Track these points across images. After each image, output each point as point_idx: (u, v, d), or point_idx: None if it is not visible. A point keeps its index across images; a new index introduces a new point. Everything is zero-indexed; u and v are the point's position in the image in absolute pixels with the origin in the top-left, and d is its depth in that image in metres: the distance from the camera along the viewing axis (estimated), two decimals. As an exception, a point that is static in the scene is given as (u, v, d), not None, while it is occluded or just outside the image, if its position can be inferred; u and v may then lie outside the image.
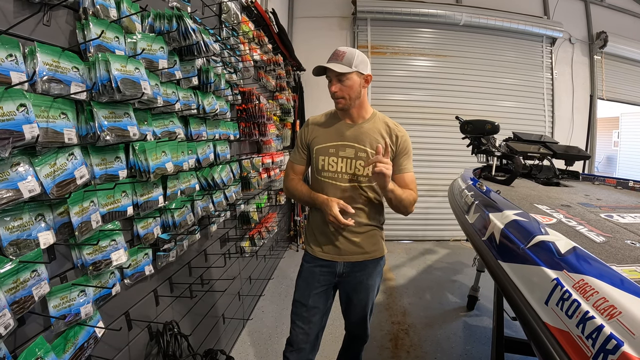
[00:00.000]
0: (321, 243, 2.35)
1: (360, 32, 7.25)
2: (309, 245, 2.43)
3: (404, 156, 2.30)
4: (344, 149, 2.25)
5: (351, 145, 2.24)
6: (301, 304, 2.42)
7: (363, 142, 2.24)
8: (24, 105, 1.12)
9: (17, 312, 1.12)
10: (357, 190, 2.27)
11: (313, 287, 2.39)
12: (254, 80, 4.15)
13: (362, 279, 2.40)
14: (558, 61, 7.76)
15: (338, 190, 2.26)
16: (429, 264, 6.07)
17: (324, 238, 2.33)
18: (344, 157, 2.25)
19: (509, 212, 1.95)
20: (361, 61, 2.15)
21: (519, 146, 3.78)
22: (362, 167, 2.23)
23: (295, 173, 2.41)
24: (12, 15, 1.19)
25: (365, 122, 2.29)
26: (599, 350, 0.97)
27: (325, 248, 2.34)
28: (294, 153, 2.40)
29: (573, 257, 1.33)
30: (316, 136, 2.32)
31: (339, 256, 2.33)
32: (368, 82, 2.22)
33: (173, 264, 2.33)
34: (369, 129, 2.27)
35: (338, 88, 2.16)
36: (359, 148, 2.23)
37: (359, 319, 2.53)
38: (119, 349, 1.83)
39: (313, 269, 2.39)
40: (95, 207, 1.51)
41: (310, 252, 2.40)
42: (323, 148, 2.28)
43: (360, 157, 2.23)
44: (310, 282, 2.41)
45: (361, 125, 2.28)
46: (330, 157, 2.26)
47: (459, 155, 6.64)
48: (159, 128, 1.98)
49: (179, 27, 1.99)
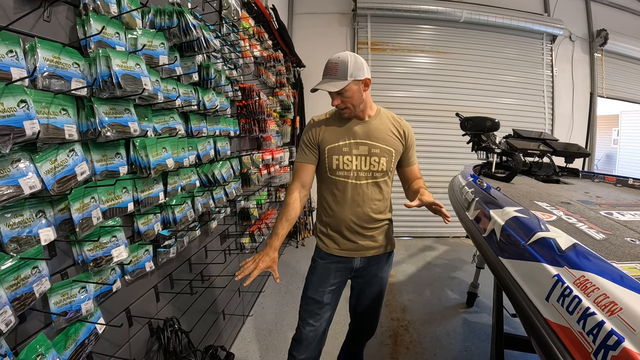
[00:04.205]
0: (337, 240, 2.36)
1: (360, 28, 7.23)
2: (322, 242, 2.41)
3: (412, 149, 2.39)
4: (357, 147, 2.28)
5: (364, 142, 2.28)
6: (314, 301, 2.39)
7: (375, 139, 2.28)
8: (25, 101, 1.12)
9: (18, 308, 1.13)
10: (372, 186, 2.31)
11: (327, 283, 2.40)
12: (254, 77, 4.15)
13: (376, 272, 2.45)
14: (558, 59, 7.75)
15: (354, 188, 2.29)
16: (428, 261, 6.07)
17: (340, 235, 2.35)
18: (358, 155, 2.28)
19: (510, 209, 1.95)
20: (355, 67, 2.12)
21: (519, 143, 3.77)
22: (377, 163, 2.27)
23: (302, 181, 2.33)
24: (12, 11, 1.19)
25: (372, 118, 2.31)
26: (600, 346, 0.98)
27: (342, 245, 2.35)
28: (302, 154, 2.35)
29: (573, 254, 1.33)
30: (326, 136, 2.31)
31: (356, 252, 2.36)
32: (368, 85, 2.20)
33: (173, 260, 2.34)
34: (378, 125, 2.30)
35: (339, 101, 2.17)
36: (372, 145, 2.27)
37: (372, 312, 2.58)
38: (120, 346, 1.83)
39: (328, 266, 2.40)
40: (95, 204, 1.51)
41: (325, 249, 2.39)
42: (336, 147, 2.28)
43: (374, 153, 2.27)
44: (324, 278, 2.40)
45: (369, 122, 2.30)
46: (345, 156, 2.27)
47: (459, 152, 6.66)
48: (159, 124, 1.98)
49: (180, 23, 1.99)
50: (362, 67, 2.15)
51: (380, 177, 2.31)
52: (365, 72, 2.16)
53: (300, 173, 2.34)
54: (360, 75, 2.13)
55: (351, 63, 2.11)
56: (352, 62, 2.12)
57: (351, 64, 2.11)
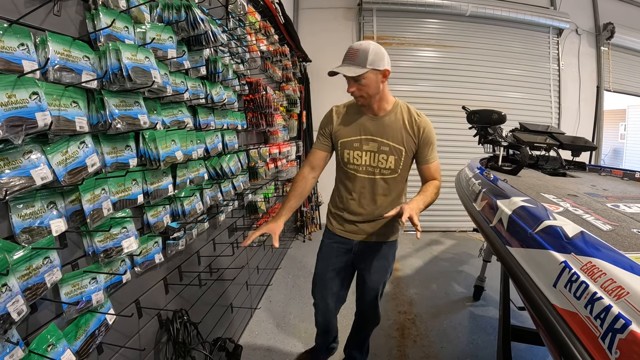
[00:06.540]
0: (340, 221, 2.51)
1: (366, 22, 7.20)
2: (330, 222, 2.60)
3: (428, 147, 2.34)
4: (367, 143, 2.33)
5: (374, 139, 2.31)
6: (317, 275, 2.70)
7: (385, 136, 2.30)
8: (36, 93, 1.13)
9: (29, 298, 1.14)
10: (379, 181, 2.37)
11: (330, 262, 2.61)
12: (261, 71, 4.16)
13: (374, 260, 2.52)
14: (565, 52, 7.70)
15: (362, 181, 2.39)
16: (435, 255, 6.08)
17: (343, 218, 2.48)
18: (368, 151, 2.33)
19: (517, 199, 1.96)
20: (376, 57, 2.11)
21: (525, 136, 3.76)
22: (385, 160, 2.32)
23: (312, 164, 2.47)
24: (23, 6, 1.20)
25: (387, 114, 2.32)
26: (607, 329, 0.99)
27: (345, 226, 2.49)
28: (317, 140, 2.50)
29: (580, 241, 1.34)
30: (340, 129, 2.39)
31: (355, 235, 2.47)
32: (386, 76, 2.20)
33: (182, 252, 2.35)
34: (391, 122, 2.31)
35: (355, 88, 2.18)
36: (381, 142, 2.31)
37: (371, 299, 2.65)
38: (129, 337, 1.85)
39: (332, 245, 2.58)
40: (106, 195, 1.52)
41: (330, 228, 2.58)
42: (348, 142, 2.36)
43: (382, 150, 2.31)
44: (327, 257, 2.62)
45: (383, 118, 2.32)
46: (355, 151, 2.35)
47: (465, 146, 6.63)
48: (168, 117, 1.99)
49: (188, 17, 2.00)
50: (384, 57, 2.15)
51: (389, 175, 2.34)
52: (386, 64, 2.16)
53: (311, 157, 2.48)
54: (381, 65, 2.13)
55: (372, 52, 2.10)
56: (374, 51, 2.11)
57: (372, 52, 2.10)
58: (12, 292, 1.05)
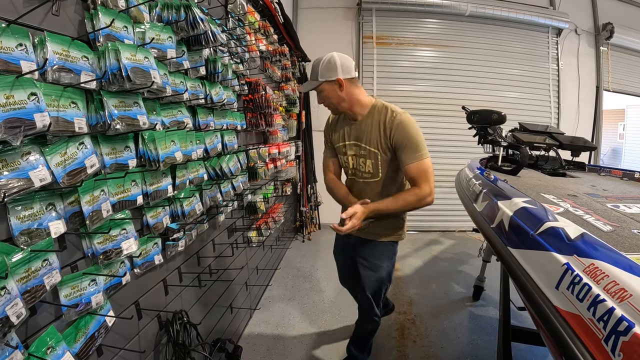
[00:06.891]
0: None
1: (365, 22, 7.20)
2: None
3: (401, 150, 2.27)
4: (351, 148, 2.44)
5: (356, 144, 2.40)
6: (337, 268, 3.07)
7: (364, 140, 2.36)
8: (35, 94, 1.12)
9: (28, 301, 1.13)
10: (365, 185, 2.44)
11: (340, 256, 2.96)
12: (260, 71, 4.15)
13: (368, 256, 2.58)
14: (564, 52, 7.70)
15: (352, 183, 2.54)
16: (434, 255, 6.07)
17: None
18: (352, 155, 2.45)
19: (518, 200, 1.95)
20: (326, 69, 2.20)
21: (525, 137, 3.76)
22: (364, 164, 2.39)
23: (331, 170, 2.63)
24: (21, 5, 1.19)
25: (364, 119, 2.36)
26: (611, 332, 0.98)
27: None
28: (325, 149, 2.69)
29: (582, 243, 1.34)
30: (334, 135, 2.55)
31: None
32: (343, 84, 2.23)
33: (182, 253, 2.35)
34: (367, 125, 2.34)
35: (320, 99, 2.34)
36: (360, 146, 2.38)
37: (363, 293, 2.68)
38: (129, 338, 1.85)
39: (340, 238, 2.86)
40: (105, 196, 1.52)
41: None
42: (339, 147, 2.52)
43: (361, 154, 2.39)
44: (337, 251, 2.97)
45: (360, 123, 2.37)
46: (344, 156, 2.50)
47: (465, 146, 6.62)
48: (167, 118, 1.99)
49: (187, 17, 1.99)
50: (334, 68, 2.20)
51: (370, 179, 2.41)
52: (339, 73, 2.20)
53: (328, 168, 2.65)
54: (332, 75, 2.20)
55: (323, 65, 2.20)
56: (325, 63, 2.21)
57: (323, 65, 2.20)
58: (11, 295, 1.04)
